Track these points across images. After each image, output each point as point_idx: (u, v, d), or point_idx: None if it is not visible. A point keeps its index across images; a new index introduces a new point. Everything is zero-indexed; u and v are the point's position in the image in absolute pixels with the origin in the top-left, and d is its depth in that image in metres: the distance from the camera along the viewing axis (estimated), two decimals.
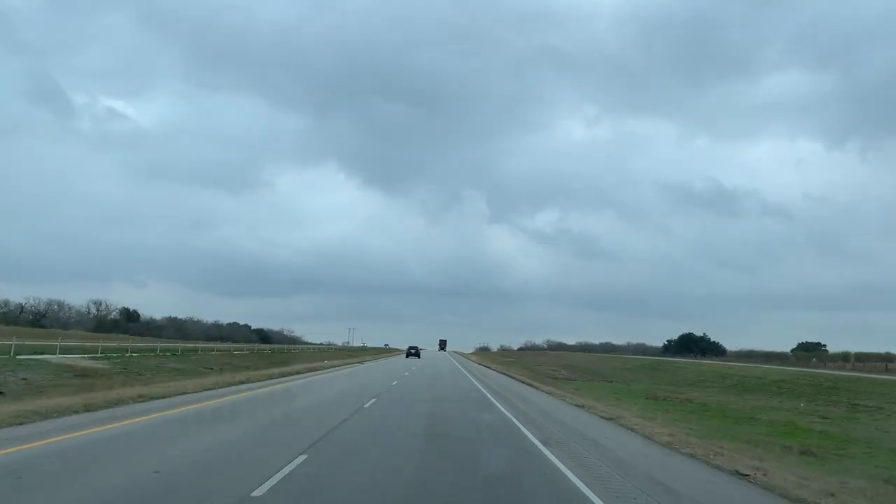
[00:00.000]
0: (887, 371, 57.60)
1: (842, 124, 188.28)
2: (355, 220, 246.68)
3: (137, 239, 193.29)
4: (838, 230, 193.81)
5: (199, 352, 49.80)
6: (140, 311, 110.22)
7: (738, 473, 11.40)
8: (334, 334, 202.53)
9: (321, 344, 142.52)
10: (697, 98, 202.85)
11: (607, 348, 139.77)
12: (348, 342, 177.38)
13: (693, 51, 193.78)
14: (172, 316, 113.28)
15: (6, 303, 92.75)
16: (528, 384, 40.71)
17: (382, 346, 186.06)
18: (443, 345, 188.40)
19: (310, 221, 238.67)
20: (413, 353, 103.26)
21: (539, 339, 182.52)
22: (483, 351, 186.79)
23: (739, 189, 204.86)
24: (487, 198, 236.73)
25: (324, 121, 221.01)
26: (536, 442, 14.10)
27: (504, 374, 49.86)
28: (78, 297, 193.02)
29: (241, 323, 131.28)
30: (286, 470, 9.41)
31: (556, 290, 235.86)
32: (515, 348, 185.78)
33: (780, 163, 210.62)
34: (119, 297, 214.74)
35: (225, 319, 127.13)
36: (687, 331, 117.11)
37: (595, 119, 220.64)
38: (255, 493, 7.99)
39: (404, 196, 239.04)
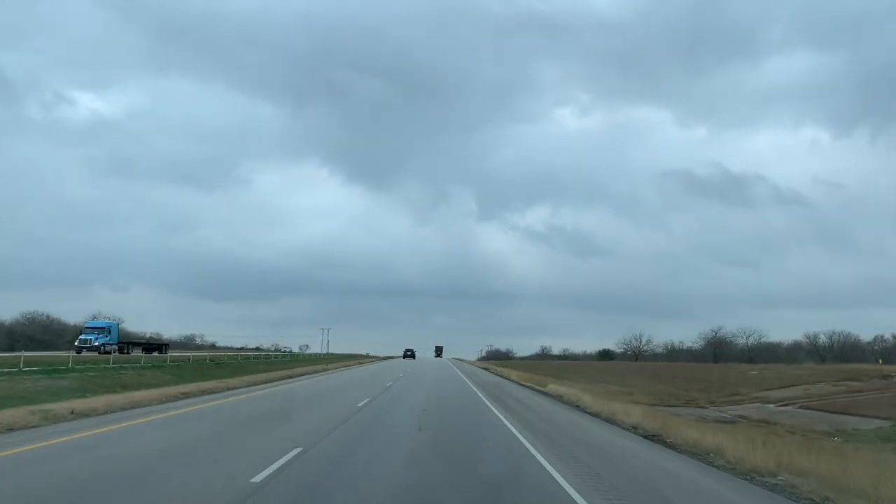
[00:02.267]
0: None
1: (851, 109, 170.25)
2: (340, 218, 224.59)
3: (109, 240, 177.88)
4: (856, 220, 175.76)
5: None
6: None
7: None
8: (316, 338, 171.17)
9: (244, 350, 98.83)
10: (697, 83, 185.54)
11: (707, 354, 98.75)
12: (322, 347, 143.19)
13: (691, 32, 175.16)
14: None
15: None
16: None
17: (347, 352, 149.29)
18: (439, 351, 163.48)
19: (293, 220, 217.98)
20: (409, 354, 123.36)
21: (545, 342, 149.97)
22: (498, 358, 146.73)
23: (747, 177, 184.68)
24: (479, 194, 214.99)
25: (303, 110, 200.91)
26: None
27: None
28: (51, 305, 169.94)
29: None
30: None
31: (559, 290, 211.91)
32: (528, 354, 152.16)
33: (785, 151, 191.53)
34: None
35: (201, 324, 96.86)
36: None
37: (589, 106, 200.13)
38: None
39: (391, 192, 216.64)
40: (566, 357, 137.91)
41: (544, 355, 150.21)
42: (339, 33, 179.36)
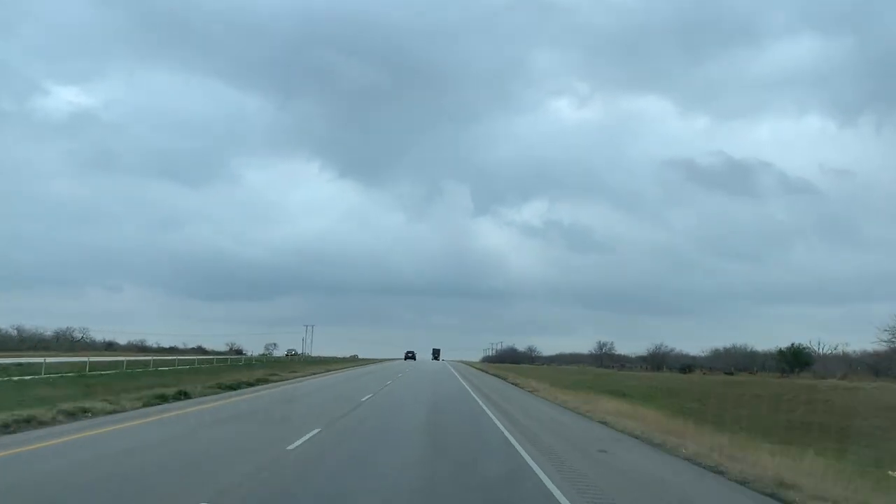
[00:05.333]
0: None
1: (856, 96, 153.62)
2: (332, 214, 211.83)
3: (93, 237, 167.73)
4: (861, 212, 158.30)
5: None
6: None
7: None
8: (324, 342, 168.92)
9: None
10: (697, 71, 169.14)
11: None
12: (304, 349, 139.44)
13: (693, 17, 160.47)
14: None
15: None
16: None
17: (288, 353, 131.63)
18: (436, 354, 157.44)
19: (284, 216, 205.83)
20: (410, 356, 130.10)
21: (556, 341, 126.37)
22: (514, 361, 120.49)
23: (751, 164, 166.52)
24: (474, 188, 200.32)
25: (292, 102, 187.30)
26: None
27: None
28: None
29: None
30: None
31: (561, 289, 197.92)
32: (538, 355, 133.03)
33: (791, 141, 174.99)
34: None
35: (191, 326, 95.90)
36: None
37: (587, 96, 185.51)
38: None
39: (383, 187, 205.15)
40: (659, 359, 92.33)
41: (602, 355, 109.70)
42: (329, 22, 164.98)
